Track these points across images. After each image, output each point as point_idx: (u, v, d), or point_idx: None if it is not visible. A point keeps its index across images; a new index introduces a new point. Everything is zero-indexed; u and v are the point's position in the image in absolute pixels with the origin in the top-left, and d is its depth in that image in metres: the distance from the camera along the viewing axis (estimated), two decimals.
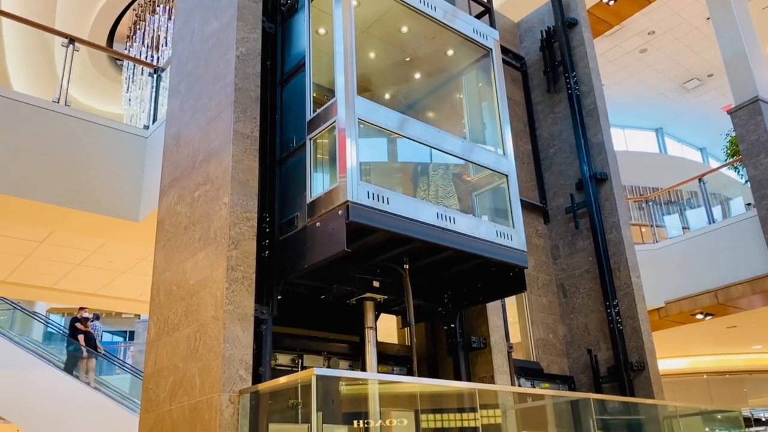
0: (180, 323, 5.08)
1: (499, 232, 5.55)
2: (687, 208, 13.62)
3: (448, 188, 5.77)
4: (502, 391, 5.84)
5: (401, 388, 5.85)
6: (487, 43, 6.42)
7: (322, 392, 4.45)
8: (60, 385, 15.35)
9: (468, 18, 6.37)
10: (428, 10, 5.82)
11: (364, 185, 4.66)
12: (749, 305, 10.22)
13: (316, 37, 5.47)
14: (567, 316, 8.49)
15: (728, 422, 8.74)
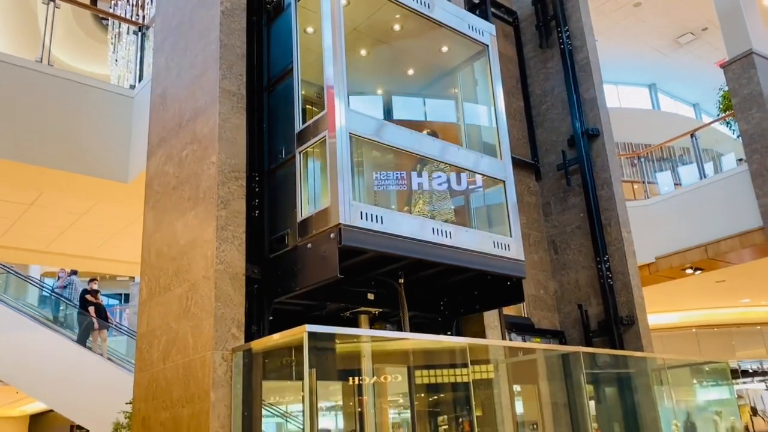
0: (171, 283, 5.08)
1: (496, 243, 5.40)
2: (679, 165, 13.63)
3: (443, 194, 5.55)
4: (493, 346, 5.91)
5: (394, 345, 5.91)
6: (483, 39, 6.18)
7: (315, 349, 4.49)
8: (56, 346, 15.47)
9: (462, 13, 6.11)
10: (422, 9, 5.58)
11: (356, 206, 4.46)
12: (738, 259, 10.32)
13: (304, 36, 5.23)
14: (558, 272, 8.55)
15: (716, 374, 8.91)
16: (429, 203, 5.50)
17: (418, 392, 6.37)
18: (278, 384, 4.77)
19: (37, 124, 7.93)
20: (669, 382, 7.55)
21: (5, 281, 18.28)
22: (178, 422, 4.58)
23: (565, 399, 7.35)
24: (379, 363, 5.91)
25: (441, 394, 5.89)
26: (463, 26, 5.98)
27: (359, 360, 4.58)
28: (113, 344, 16.95)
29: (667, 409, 7.59)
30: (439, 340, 5.02)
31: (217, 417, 4.28)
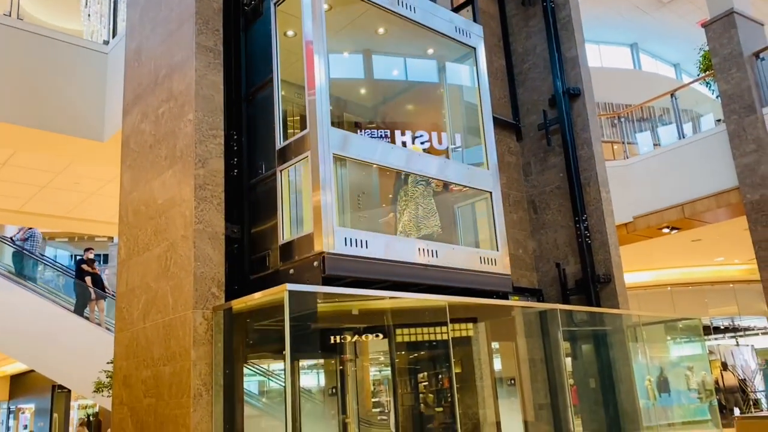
0: (150, 243, 5.04)
1: (482, 258, 5.37)
2: (659, 125, 13.69)
3: (429, 206, 5.45)
4: (473, 305, 5.98)
5: (375, 305, 5.95)
6: (470, 42, 6.05)
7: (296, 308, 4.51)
8: (34, 307, 15.35)
9: (449, 15, 5.95)
10: (406, 12, 5.41)
11: (340, 231, 4.36)
12: (714, 218, 10.49)
13: (284, 39, 5.05)
14: (537, 231, 8.62)
15: (689, 331, 9.13)
16: (414, 210, 5.38)
17: (399, 350, 6.45)
18: (259, 343, 4.80)
19: (8, 81, 7.71)
20: (643, 339, 7.74)
21: None
22: (160, 380, 4.60)
23: (542, 355, 7.51)
24: (360, 322, 5.96)
25: (421, 352, 5.96)
26: (449, 29, 5.79)
27: (340, 319, 4.61)
28: None
29: (641, 365, 7.78)
30: (419, 299, 5.05)
31: (199, 375, 4.31)
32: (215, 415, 4.29)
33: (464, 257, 5.25)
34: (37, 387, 23.62)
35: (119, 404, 5.06)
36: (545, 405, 7.43)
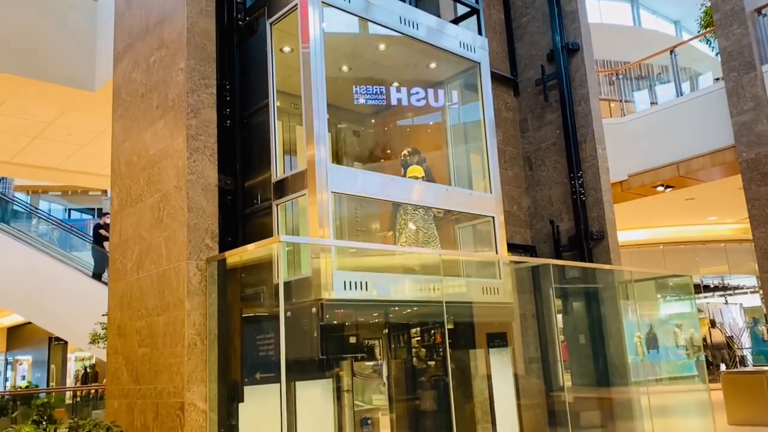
0: (143, 194, 5.01)
1: (485, 289, 5.27)
2: (657, 84, 13.56)
3: (430, 230, 5.32)
4: (466, 260, 5.99)
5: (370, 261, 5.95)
6: (474, 57, 5.85)
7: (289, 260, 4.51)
8: (30, 260, 15.38)
9: (453, 29, 5.74)
10: (410, 31, 5.23)
11: (339, 274, 4.22)
12: (708, 177, 10.48)
13: (280, 55, 4.90)
14: (532, 188, 8.62)
15: (679, 288, 9.22)
16: (415, 234, 5.27)
17: (392, 306, 6.49)
18: (252, 293, 4.81)
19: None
20: (634, 297, 7.81)
21: None
22: (154, 330, 4.63)
23: (533, 311, 7.59)
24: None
25: (414, 308, 5.98)
26: (453, 44, 5.61)
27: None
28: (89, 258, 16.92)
29: (631, 321, 7.88)
30: (411, 252, 5.06)
31: (193, 324, 4.34)
32: (209, 364, 4.34)
33: (467, 290, 5.19)
34: (34, 339, 23.84)
35: (114, 354, 5.11)
36: (535, 359, 7.55)
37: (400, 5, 5.29)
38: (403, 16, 5.21)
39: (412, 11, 5.36)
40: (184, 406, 4.20)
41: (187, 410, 4.20)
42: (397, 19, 5.16)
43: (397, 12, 5.18)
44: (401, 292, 4.74)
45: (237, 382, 4.55)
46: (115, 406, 4.96)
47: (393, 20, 5.13)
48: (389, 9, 5.14)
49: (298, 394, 4.37)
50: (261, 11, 4.93)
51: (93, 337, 11.43)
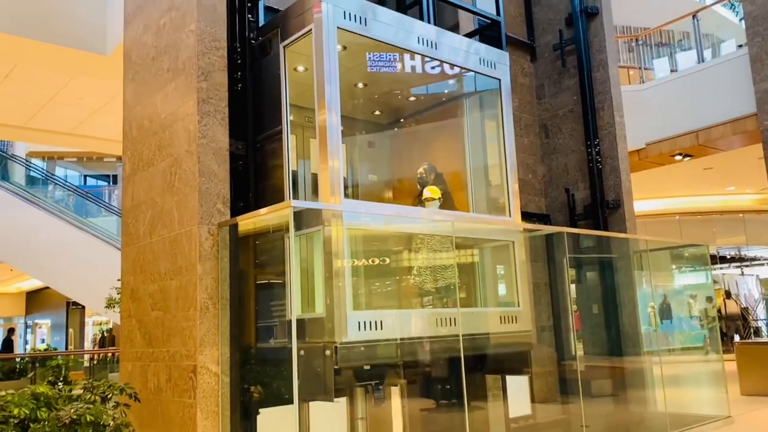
0: (154, 158, 4.99)
1: (503, 317, 5.13)
2: (678, 51, 13.24)
3: (447, 257, 5.22)
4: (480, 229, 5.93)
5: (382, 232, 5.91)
6: (495, 74, 5.60)
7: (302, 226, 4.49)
8: (47, 225, 15.56)
9: (473, 45, 5.51)
10: (426, 50, 5.04)
11: (354, 315, 4.08)
12: (728, 146, 10.28)
13: (293, 74, 4.77)
14: (547, 156, 8.50)
15: (695, 259, 9.13)
16: (430, 270, 5.17)
17: (404, 274, 6.47)
18: (264, 258, 4.81)
19: None
20: (649, 267, 7.73)
21: None
22: (167, 294, 4.65)
23: (546, 279, 7.55)
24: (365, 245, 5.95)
25: (427, 275, 5.94)
26: (473, 61, 5.40)
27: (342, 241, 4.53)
28: (105, 224, 17.09)
29: (645, 292, 7.82)
30: (425, 217, 5.01)
31: (205, 288, 4.34)
32: (221, 328, 4.36)
33: (484, 320, 5.08)
34: (52, 303, 24.25)
35: (127, 317, 5.15)
36: (548, 327, 7.54)
37: (417, 25, 5.09)
38: (421, 36, 5.03)
39: (429, 30, 5.15)
40: (197, 368, 4.23)
41: (200, 373, 4.23)
42: (415, 39, 4.98)
43: (414, 32, 5.00)
44: (416, 328, 4.66)
45: (249, 346, 4.58)
46: (129, 369, 5.02)
47: (411, 41, 4.96)
48: (406, 29, 4.96)
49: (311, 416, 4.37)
50: (274, 33, 4.82)
51: (109, 302, 11.58)
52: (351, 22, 4.55)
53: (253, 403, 4.45)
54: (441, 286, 5.18)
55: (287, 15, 4.76)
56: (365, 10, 4.69)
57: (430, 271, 5.21)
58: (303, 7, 4.58)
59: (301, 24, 4.57)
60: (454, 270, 5.13)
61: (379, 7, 4.93)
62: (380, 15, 4.81)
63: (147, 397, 4.67)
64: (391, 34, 4.85)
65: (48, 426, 3.64)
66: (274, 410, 4.27)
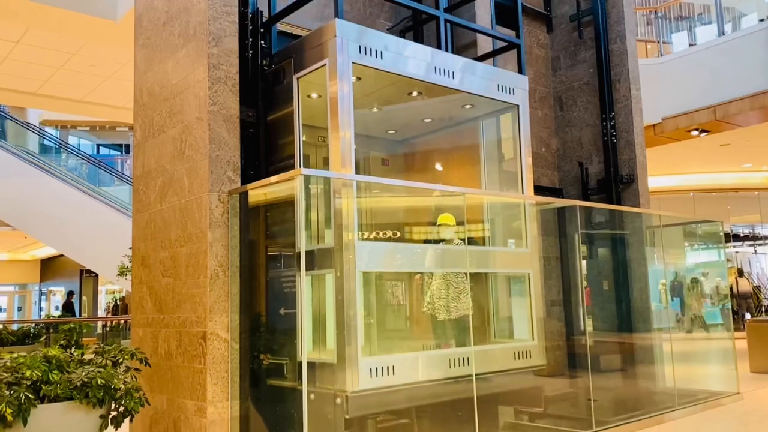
0: (165, 124, 4.96)
1: (517, 354, 5.03)
2: (698, 25, 12.97)
3: (461, 286, 5.07)
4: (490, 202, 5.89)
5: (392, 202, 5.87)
6: (513, 100, 5.46)
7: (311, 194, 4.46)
8: (60, 194, 15.64)
9: (490, 71, 5.39)
10: (443, 80, 4.91)
11: (365, 361, 3.96)
12: (746, 122, 10.10)
13: (307, 101, 4.67)
14: (562, 129, 8.40)
15: (707, 237, 9.05)
16: (446, 292, 5.09)
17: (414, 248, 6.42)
18: (274, 226, 4.80)
19: None
20: (662, 243, 7.67)
21: (2, 127, 18.08)
22: (177, 260, 4.66)
23: (557, 254, 7.51)
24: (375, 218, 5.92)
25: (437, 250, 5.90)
26: (490, 89, 5.26)
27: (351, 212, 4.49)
28: (117, 193, 17.17)
29: (657, 269, 7.77)
30: (435, 189, 4.98)
31: (215, 256, 4.35)
32: (231, 296, 4.37)
33: (498, 357, 5.00)
34: (66, 271, 24.52)
35: (138, 283, 5.18)
36: (558, 302, 7.51)
37: (433, 53, 4.96)
38: (438, 65, 4.90)
39: (446, 59, 5.02)
40: (207, 335, 4.26)
41: (210, 339, 4.25)
42: (432, 69, 4.86)
43: (430, 61, 4.88)
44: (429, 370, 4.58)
45: (259, 314, 4.60)
46: (140, 334, 5.06)
47: (427, 71, 4.84)
48: (422, 59, 4.85)
49: None
50: (287, 62, 4.71)
51: (121, 270, 11.67)
52: (366, 56, 4.45)
53: (262, 370, 4.48)
54: (453, 301, 5.11)
55: (302, 46, 4.64)
56: (381, 42, 4.58)
57: (445, 283, 5.15)
58: (317, 40, 4.46)
59: (315, 57, 4.45)
60: (467, 296, 5.04)
61: (394, 38, 4.86)
62: (396, 47, 4.71)
63: (157, 363, 4.72)
64: (408, 66, 4.74)
65: (59, 388, 3.68)
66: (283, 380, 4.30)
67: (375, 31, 4.66)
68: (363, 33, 4.46)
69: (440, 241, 5.19)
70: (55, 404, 3.65)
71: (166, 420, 4.62)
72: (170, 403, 4.59)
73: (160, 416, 4.69)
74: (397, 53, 4.68)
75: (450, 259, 5.06)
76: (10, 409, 3.43)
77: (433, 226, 5.51)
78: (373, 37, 4.52)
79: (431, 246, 5.14)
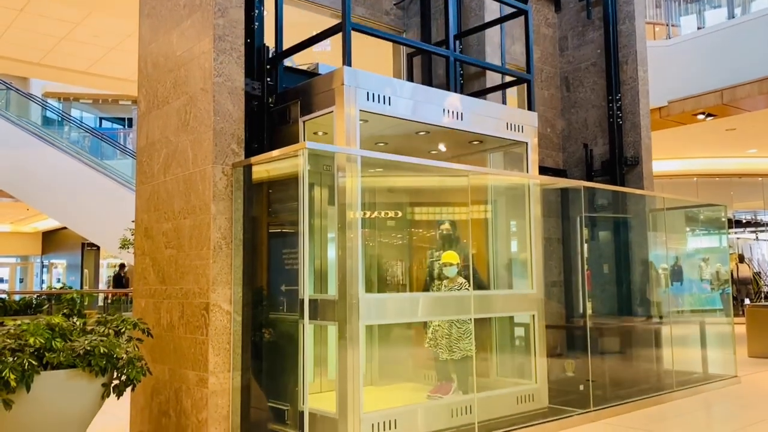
0: (169, 96, 4.93)
1: (520, 398, 5.04)
2: (707, 8, 12.84)
3: (464, 326, 5.06)
4: (494, 184, 5.87)
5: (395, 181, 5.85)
6: (521, 138, 5.41)
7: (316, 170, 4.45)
8: (63, 166, 15.63)
9: (499, 110, 5.35)
10: (453, 123, 4.88)
11: (367, 417, 4.03)
12: (753, 106, 10.03)
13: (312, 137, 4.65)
14: (567, 110, 8.35)
15: (709, 222, 9.03)
16: (446, 339, 5.06)
17: (417, 227, 6.43)
18: (278, 200, 4.80)
19: None
20: (664, 228, 7.66)
21: (6, 98, 17.99)
22: (180, 232, 4.66)
23: (559, 235, 7.50)
24: (380, 196, 5.91)
25: (439, 231, 5.91)
26: (499, 128, 5.23)
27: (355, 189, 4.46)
28: (120, 167, 17.15)
29: (659, 253, 7.77)
30: (441, 166, 4.95)
31: (218, 228, 4.35)
32: (234, 268, 4.38)
33: (501, 403, 4.98)
34: (68, 243, 24.59)
35: (141, 255, 5.19)
36: (558, 282, 7.53)
37: (441, 96, 4.93)
38: (447, 107, 4.88)
39: (455, 101, 4.97)
40: (209, 306, 4.27)
41: (212, 311, 4.27)
42: (440, 111, 4.83)
43: (439, 104, 4.85)
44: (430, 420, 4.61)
45: (262, 287, 4.62)
46: (142, 305, 5.08)
47: (435, 115, 4.81)
48: (431, 101, 4.82)
49: None
50: (294, 103, 4.66)
51: (123, 242, 11.70)
52: (374, 103, 4.43)
53: (264, 342, 4.51)
54: (456, 341, 5.10)
55: (309, 89, 4.59)
56: (389, 87, 4.56)
57: (447, 333, 5.14)
58: (326, 86, 4.42)
59: (322, 102, 4.41)
60: (471, 337, 5.03)
61: (401, 82, 4.83)
62: (404, 91, 4.70)
63: (159, 333, 4.74)
64: (416, 111, 4.72)
65: (63, 356, 3.70)
66: None
67: (383, 77, 4.65)
68: (371, 79, 4.43)
69: (444, 277, 5.21)
70: (58, 371, 3.69)
71: (167, 390, 4.66)
72: (172, 374, 4.62)
73: (161, 386, 4.73)
74: (407, 98, 4.68)
75: (453, 305, 5.07)
76: (13, 375, 3.46)
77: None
78: (381, 83, 4.51)
79: (435, 294, 5.15)
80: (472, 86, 6.54)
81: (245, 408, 4.31)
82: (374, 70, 4.63)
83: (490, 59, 6.52)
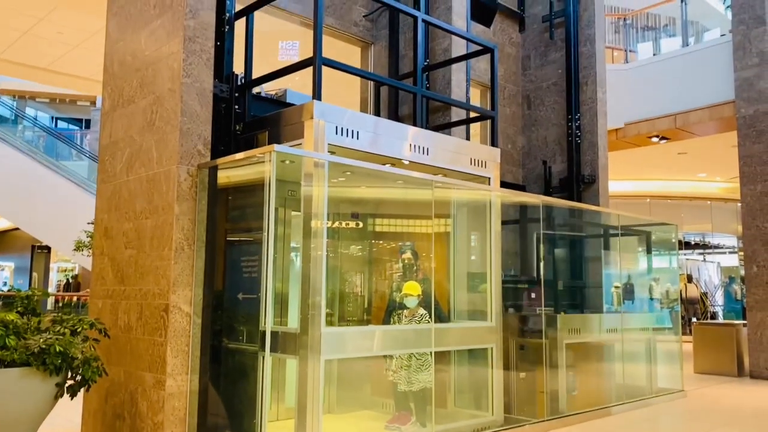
0: (135, 95, 4.90)
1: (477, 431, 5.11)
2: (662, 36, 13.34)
3: (424, 358, 5.08)
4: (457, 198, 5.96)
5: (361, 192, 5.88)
6: (484, 173, 5.57)
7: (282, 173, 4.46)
8: (17, 164, 15.21)
9: (465, 147, 5.55)
10: (418, 158, 5.03)
11: None
12: (704, 131, 10.44)
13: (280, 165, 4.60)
14: (528, 127, 8.56)
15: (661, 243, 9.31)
16: (406, 370, 5.10)
17: (379, 239, 6.46)
18: (243, 202, 4.80)
19: None
20: (618, 248, 7.89)
21: None
22: (141, 233, 4.62)
23: (517, 249, 7.65)
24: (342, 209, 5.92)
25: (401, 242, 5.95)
26: (463, 163, 5.41)
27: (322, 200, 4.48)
28: (76, 168, 16.77)
29: (612, 272, 7.99)
30: (405, 174, 5.02)
31: (181, 229, 4.32)
32: (196, 270, 4.35)
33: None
34: (16, 245, 23.85)
35: (100, 254, 5.10)
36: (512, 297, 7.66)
37: (410, 131, 5.08)
38: (412, 142, 5.03)
39: (420, 136, 5.14)
40: (169, 308, 4.24)
41: (172, 312, 4.23)
42: (407, 147, 4.98)
43: (406, 139, 5.00)
44: None
45: (223, 290, 4.59)
46: (99, 306, 5.00)
47: (401, 150, 4.95)
48: (398, 136, 4.96)
49: None
50: (262, 134, 4.72)
51: (77, 245, 11.46)
52: (342, 137, 4.52)
53: (223, 346, 4.49)
54: (415, 372, 5.12)
55: (278, 120, 4.64)
56: (357, 122, 4.64)
57: (407, 363, 5.16)
58: (295, 118, 4.49)
59: (291, 134, 4.47)
60: (430, 368, 5.07)
61: (370, 117, 4.94)
62: (371, 126, 4.81)
63: (116, 335, 4.67)
64: (383, 145, 4.82)
65: (16, 354, 3.62)
66: None
67: (352, 112, 4.72)
68: (340, 114, 4.51)
69: (404, 307, 5.24)
70: (12, 369, 3.60)
71: (122, 392, 4.58)
72: (128, 376, 4.55)
73: (116, 388, 4.65)
74: (374, 133, 4.78)
75: (414, 338, 5.11)
76: None
77: None
78: (350, 118, 4.58)
79: (396, 328, 5.17)
80: (437, 118, 6.69)
81: (202, 411, 4.28)
82: (342, 89, 4.68)
83: (456, 84, 6.67)
